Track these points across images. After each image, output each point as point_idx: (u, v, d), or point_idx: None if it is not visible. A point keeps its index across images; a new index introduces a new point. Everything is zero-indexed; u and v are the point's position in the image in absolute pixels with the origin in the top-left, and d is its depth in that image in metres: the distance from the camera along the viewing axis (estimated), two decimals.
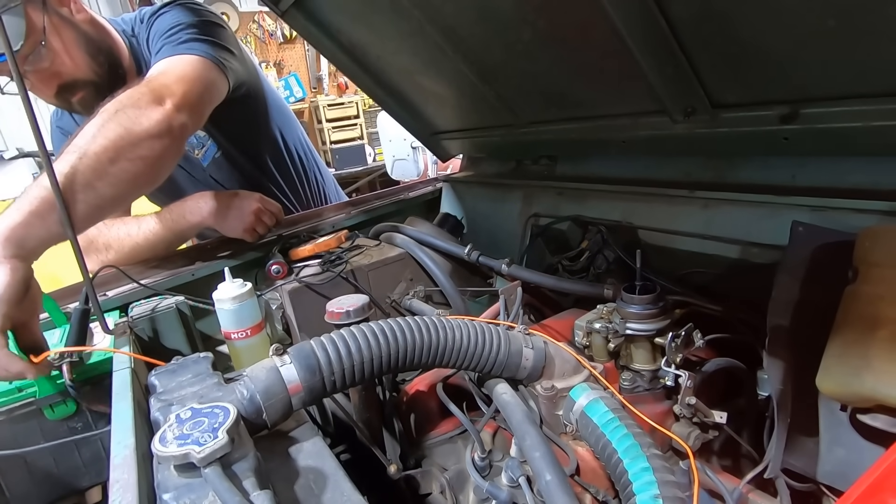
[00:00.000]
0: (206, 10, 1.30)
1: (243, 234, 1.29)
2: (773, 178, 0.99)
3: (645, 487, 0.56)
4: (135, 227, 1.29)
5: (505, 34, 1.05)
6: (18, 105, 0.76)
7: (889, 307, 0.62)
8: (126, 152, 0.91)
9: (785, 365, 0.74)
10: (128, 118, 0.93)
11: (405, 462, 0.82)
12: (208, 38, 1.21)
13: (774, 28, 0.73)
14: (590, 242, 1.25)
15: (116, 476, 0.51)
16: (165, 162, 1.03)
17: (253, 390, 0.58)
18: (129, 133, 0.92)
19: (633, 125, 1.09)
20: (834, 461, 0.69)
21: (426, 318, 0.70)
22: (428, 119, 1.68)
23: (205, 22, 1.25)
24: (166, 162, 1.03)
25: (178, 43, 1.16)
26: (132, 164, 0.93)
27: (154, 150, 0.96)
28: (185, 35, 1.19)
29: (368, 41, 1.34)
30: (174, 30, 1.19)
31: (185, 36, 1.18)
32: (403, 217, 1.58)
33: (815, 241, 0.76)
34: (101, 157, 0.88)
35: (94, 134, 0.89)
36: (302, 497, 0.53)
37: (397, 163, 3.82)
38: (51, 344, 0.95)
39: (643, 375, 0.80)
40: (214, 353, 0.74)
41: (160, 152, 0.97)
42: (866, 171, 0.85)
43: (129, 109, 0.95)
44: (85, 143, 0.88)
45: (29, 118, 0.74)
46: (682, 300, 0.88)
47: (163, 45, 1.17)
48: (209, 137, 1.39)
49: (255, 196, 1.33)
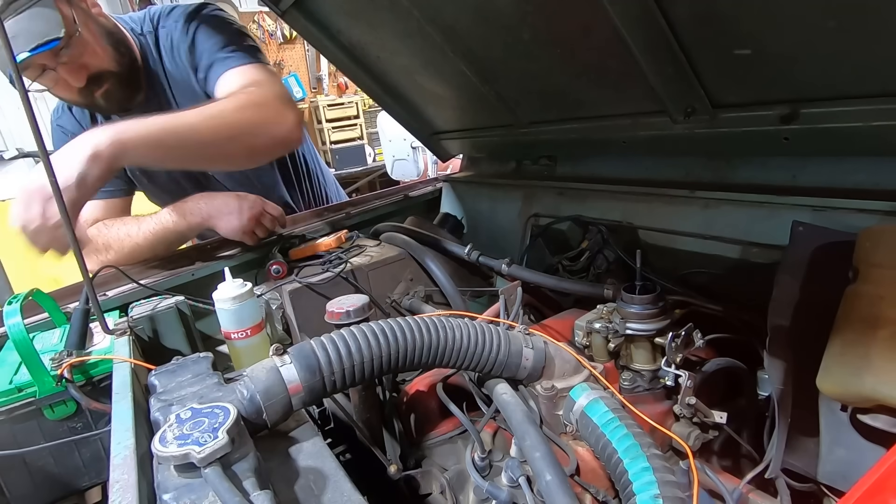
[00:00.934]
0: (234, 21, 1.35)
1: (243, 236, 1.29)
2: (773, 178, 0.99)
3: (645, 487, 0.56)
4: (135, 227, 1.29)
5: (505, 34, 1.05)
6: (18, 105, 0.77)
7: (889, 307, 0.62)
8: (247, 139, 1.06)
9: (785, 365, 0.74)
10: (264, 116, 1.07)
11: (405, 462, 0.82)
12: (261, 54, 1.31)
13: (774, 28, 0.73)
14: (590, 242, 1.25)
15: (116, 476, 0.51)
16: (262, 162, 1.20)
17: (253, 390, 0.58)
18: (260, 128, 1.06)
19: (634, 125, 1.09)
20: (834, 461, 0.69)
21: (426, 318, 0.70)
22: (428, 119, 1.68)
23: (246, 37, 1.33)
24: (262, 162, 1.21)
25: (248, 59, 1.23)
26: (242, 150, 1.08)
27: (267, 151, 1.12)
28: (254, 55, 1.27)
29: (368, 41, 1.34)
30: (232, 46, 1.25)
31: (256, 56, 1.26)
32: (403, 217, 1.58)
33: (815, 241, 0.76)
34: (228, 128, 1.04)
35: (235, 108, 1.05)
36: (302, 497, 0.53)
37: (397, 163, 3.82)
38: (51, 344, 0.95)
39: (643, 375, 0.80)
40: (214, 353, 0.74)
41: (268, 155, 1.17)
42: (867, 171, 0.85)
43: (267, 111, 1.10)
44: (225, 111, 1.02)
45: (29, 118, 0.74)
46: (682, 300, 0.88)
47: (232, 62, 1.22)
48: None
49: (256, 198, 1.33)
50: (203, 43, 1.26)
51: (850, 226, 0.76)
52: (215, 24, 1.28)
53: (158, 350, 1.04)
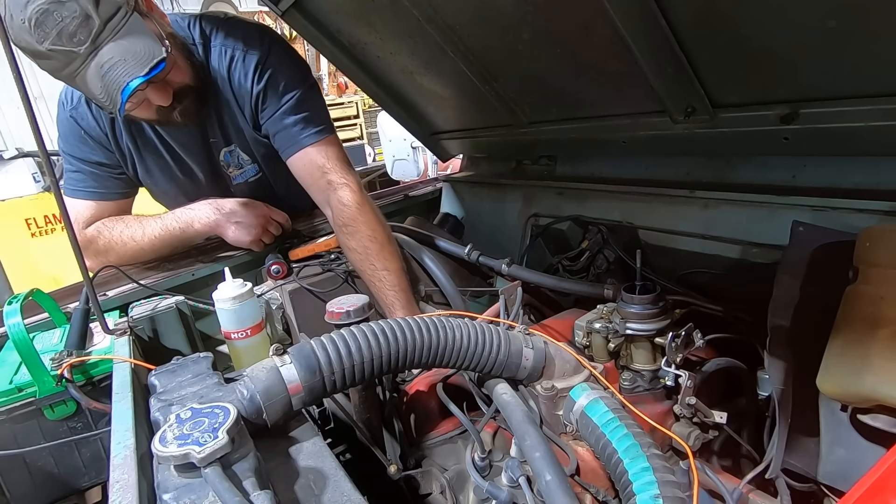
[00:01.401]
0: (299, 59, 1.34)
1: (250, 244, 1.29)
2: (773, 178, 0.99)
3: (645, 487, 0.56)
4: (139, 230, 1.28)
5: (505, 34, 1.05)
6: (18, 105, 0.76)
7: (890, 307, 0.62)
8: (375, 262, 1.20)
9: (785, 365, 0.74)
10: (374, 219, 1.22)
11: (405, 462, 0.82)
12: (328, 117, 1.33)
13: (774, 28, 0.73)
14: (590, 242, 1.25)
15: (116, 476, 0.51)
16: None
17: (253, 390, 0.58)
18: (374, 242, 1.20)
19: (634, 125, 1.09)
20: (835, 461, 0.69)
21: (426, 318, 0.70)
22: (428, 119, 1.68)
23: (314, 85, 1.32)
24: None
25: (323, 131, 1.27)
26: None
27: None
28: (323, 120, 1.29)
29: (368, 41, 1.34)
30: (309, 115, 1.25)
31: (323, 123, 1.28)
32: (403, 217, 1.58)
33: (815, 241, 0.76)
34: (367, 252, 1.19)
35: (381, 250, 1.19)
36: (302, 497, 0.53)
37: (397, 163, 3.82)
38: (51, 344, 0.95)
39: (643, 375, 0.80)
40: (214, 353, 0.74)
41: None
42: (866, 171, 0.86)
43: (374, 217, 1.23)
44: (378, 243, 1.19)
45: (29, 118, 0.74)
46: (683, 300, 0.89)
47: (306, 140, 1.25)
48: (252, 162, 1.39)
49: (262, 206, 1.33)
50: (274, 95, 1.23)
51: (850, 226, 0.76)
52: (287, 72, 1.24)
53: (158, 350, 1.04)
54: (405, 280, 1.20)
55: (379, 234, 1.21)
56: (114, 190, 1.32)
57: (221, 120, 1.28)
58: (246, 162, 1.37)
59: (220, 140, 1.31)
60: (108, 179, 1.30)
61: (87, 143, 1.25)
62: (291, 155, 1.26)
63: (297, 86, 1.25)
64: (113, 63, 0.91)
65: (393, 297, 1.16)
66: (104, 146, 1.26)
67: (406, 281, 1.20)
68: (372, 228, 1.20)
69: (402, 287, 1.18)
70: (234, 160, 1.36)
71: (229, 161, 1.36)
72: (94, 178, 1.29)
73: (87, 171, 1.28)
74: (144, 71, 0.93)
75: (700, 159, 1.12)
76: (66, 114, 1.26)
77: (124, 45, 0.92)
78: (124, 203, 1.36)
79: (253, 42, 1.22)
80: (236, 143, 1.33)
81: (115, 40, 0.92)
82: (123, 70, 0.92)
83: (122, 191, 1.34)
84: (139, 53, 0.93)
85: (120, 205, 1.34)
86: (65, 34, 0.88)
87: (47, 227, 3.41)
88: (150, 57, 0.94)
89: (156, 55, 0.94)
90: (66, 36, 0.88)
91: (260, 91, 1.23)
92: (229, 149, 1.34)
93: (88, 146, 1.26)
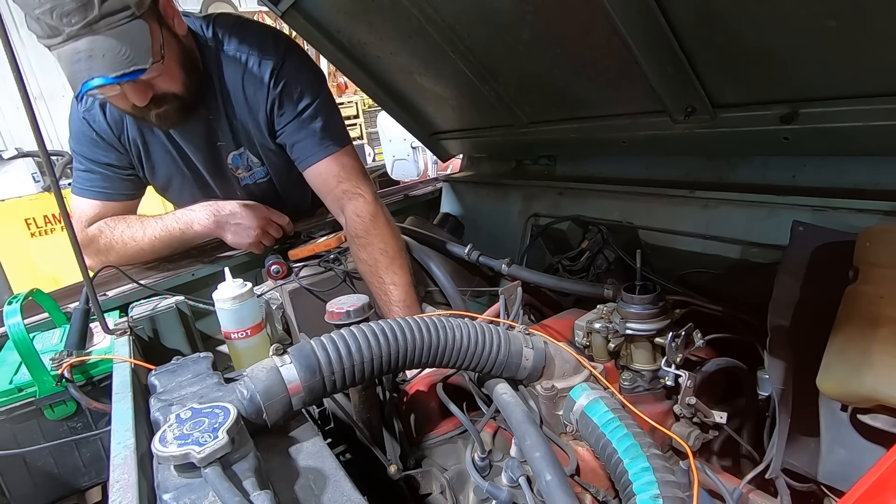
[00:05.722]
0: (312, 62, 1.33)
1: (250, 247, 1.29)
2: (773, 178, 0.99)
3: (645, 487, 0.56)
4: (139, 230, 1.28)
5: (505, 34, 1.05)
6: (18, 105, 0.76)
7: (889, 307, 0.62)
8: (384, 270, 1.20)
9: (785, 365, 0.74)
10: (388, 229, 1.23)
11: (405, 462, 0.82)
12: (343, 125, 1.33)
13: (774, 28, 0.73)
14: (590, 242, 1.25)
15: (116, 476, 0.51)
16: None
17: (253, 390, 0.58)
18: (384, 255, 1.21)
19: (634, 125, 1.09)
20: (835, 461, 0.69)
21: (426, 318, 0.70)
22: (428, 119, 1.68)
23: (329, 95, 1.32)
24: None
25: (339, 142, 1.27)
26: None
27: None
28: (339, 129, 1.29)
29: (368, 41, 1.34)
30: (324, 124, 1.25)
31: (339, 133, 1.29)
32: (403, 217, 1.58)
33: (815, 241, 0.76)
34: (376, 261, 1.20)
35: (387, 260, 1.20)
36: (302, 497, 0.53)
37: (397, 163, 3.82)
38: (51, 344, 0.95)
39: (643, 375, 0.80)
40: (214, 353, 0.74)
41: None
42: (866, 170, 0.86)
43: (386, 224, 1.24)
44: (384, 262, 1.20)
45: (29, 118, 0.73)
46: (682, 300, 0.88)
47: (322, 152, 1.26)
48: (262, 165, 1.38)
49: (262, 208, 1.33)
50: (289, 103, 1.23)
51: (850, 226, 0.76)
52: (303, 80, 1.24)
53: (158, 350, 1.04)
54: (412, 295, 1.20)
55: (390, 247, 1.20)
56: (121, 191, 1.32)
57: (232, 124, 1.27)
58: (255, 164, 1.37)
59: (229, 143, 1.30)
60: (117, 180, 1.30)
61: (98, 144, 1.26)
62: (308, 167, 1.26)
63: (313, 94, 1.24)
64: (89, 55, 0.90)
65: (397, 312, 1.16)
66: (115, 148, 1.27)
67: (413, 296, 1.20)
68: (384, 241, 1.20)
69: (407, 303, 1.17)
70: (244, 162, 1.36)
71: (238, 163, 1.36)
72: (103, 179, 1.29)
73: (97, 171, 1.28)
74: (115, 74, 0.93)
75: (700, 159, 1.12)
76: (78, 114, 1.25)
77: (110, 43, 0.92)
78: (130, 204, 1.36)
79: (267, 48, 1.21)
80: (246, 147, 1.32)
81: (104, 34, 0.91)
82: (95, 65, 0.91)
83: (130, 192, 1.34)
84: (120, 55, 0.93)
85: (125, 205, 1.34)
86: (59, 11, 0.87)
87: (47, 227, 3.41)
88: (129, 63, 0.93)
89: (137, 63, 0.94)
90: (59, 13, 0.87)
91: (275, 98, 1.22)
92: (238, 152, 1.33)
93: (100, 148, 1.26)
